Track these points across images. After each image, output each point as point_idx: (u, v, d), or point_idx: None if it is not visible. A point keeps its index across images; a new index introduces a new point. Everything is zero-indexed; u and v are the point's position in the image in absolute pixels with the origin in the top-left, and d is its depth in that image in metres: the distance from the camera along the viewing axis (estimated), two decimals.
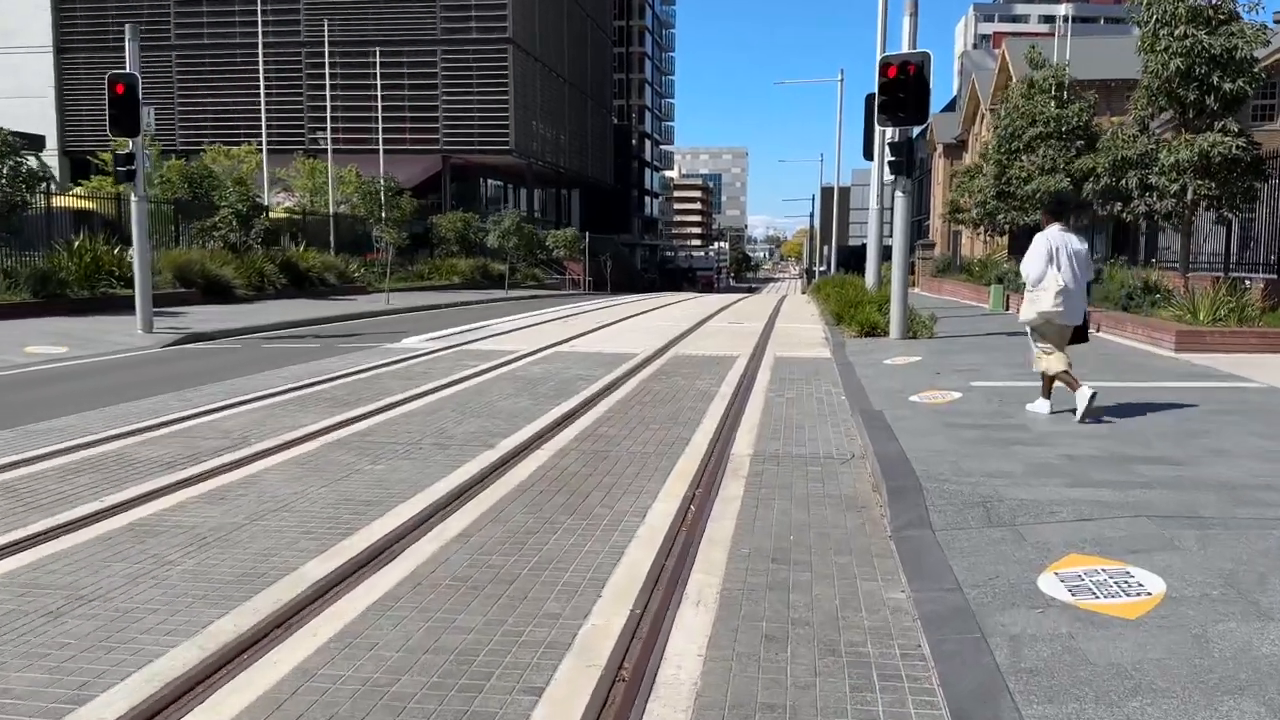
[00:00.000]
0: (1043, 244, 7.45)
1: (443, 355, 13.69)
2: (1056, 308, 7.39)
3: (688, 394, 10.11)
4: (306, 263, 29.20)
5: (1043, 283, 7.38)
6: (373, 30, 59.17)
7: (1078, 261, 7.50)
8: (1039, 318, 7.52)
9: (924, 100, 13.89)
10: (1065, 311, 7.45)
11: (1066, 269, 7.41)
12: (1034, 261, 7.45)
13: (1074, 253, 7.49)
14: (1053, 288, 7.34)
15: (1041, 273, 7.40)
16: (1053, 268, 7.37)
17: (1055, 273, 7.36)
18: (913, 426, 7.46)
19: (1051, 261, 7.38)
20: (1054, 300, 7.36)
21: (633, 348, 14.82)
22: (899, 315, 14.80)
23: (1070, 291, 7.40)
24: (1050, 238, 7.47)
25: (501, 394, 10.00)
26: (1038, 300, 7.43)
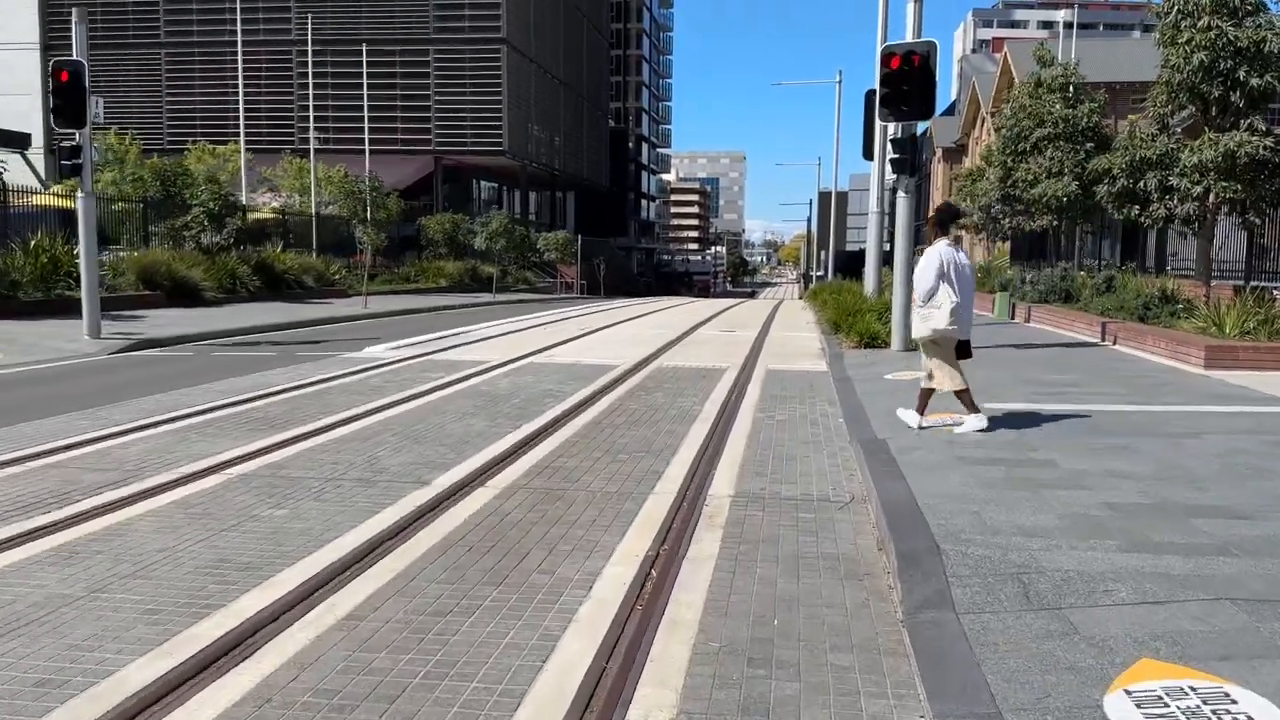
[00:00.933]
0: (935, 259, 7.38)
1: (406, 366, 12.59)
2: (951, 325, 7.34)
3: (667, 414, 9.02)
4: (283, 264, 28.08)
5: (935, 299, 7.32)
6: (364, 28, 58.03)
7: (966, 276, 7.51)
8: (933, 334, 7.43)
9: (929, 92, 12.82)
10: (959, 328, 7.42)
11: (958, 284, 7.39)
12: (927, 277, 7.37)
13: (962, 267, 7.49)
14: (947, 304, 7.29)
15: (934, 288, 7.33)
16: (945, 284, 7.33)
17: (948, 289, 7.32)
18: (922, 461, 6.36)
19: (943, 277, 7.33)
20: (949, 318, 7.30)
21: (614, 358, 13.72)
22: (901, 325, 13.70)
23: (962, 307, 7.38)
24: (941, 253, 7.40)
25: (458, 413, 8.89)
26: (931, 318, 7.37)
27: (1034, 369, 11.45)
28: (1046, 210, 22.02)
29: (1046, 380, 10.39)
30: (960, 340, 7.51)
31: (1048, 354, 13.34)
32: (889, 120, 13.31)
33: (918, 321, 7.53)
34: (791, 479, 6.45)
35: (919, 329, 7.54)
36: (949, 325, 7.33)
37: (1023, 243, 32.28)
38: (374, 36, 57.77)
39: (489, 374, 11.79)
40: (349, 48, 53.68)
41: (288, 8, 59.73)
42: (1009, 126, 23.26)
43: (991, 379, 10.49)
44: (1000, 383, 10.23)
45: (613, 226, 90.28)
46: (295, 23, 59.12)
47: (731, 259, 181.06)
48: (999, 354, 13.38)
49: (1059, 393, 9.50)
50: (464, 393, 10.21)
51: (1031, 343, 14.94)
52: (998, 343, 15.05)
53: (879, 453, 6.69)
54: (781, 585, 4.35)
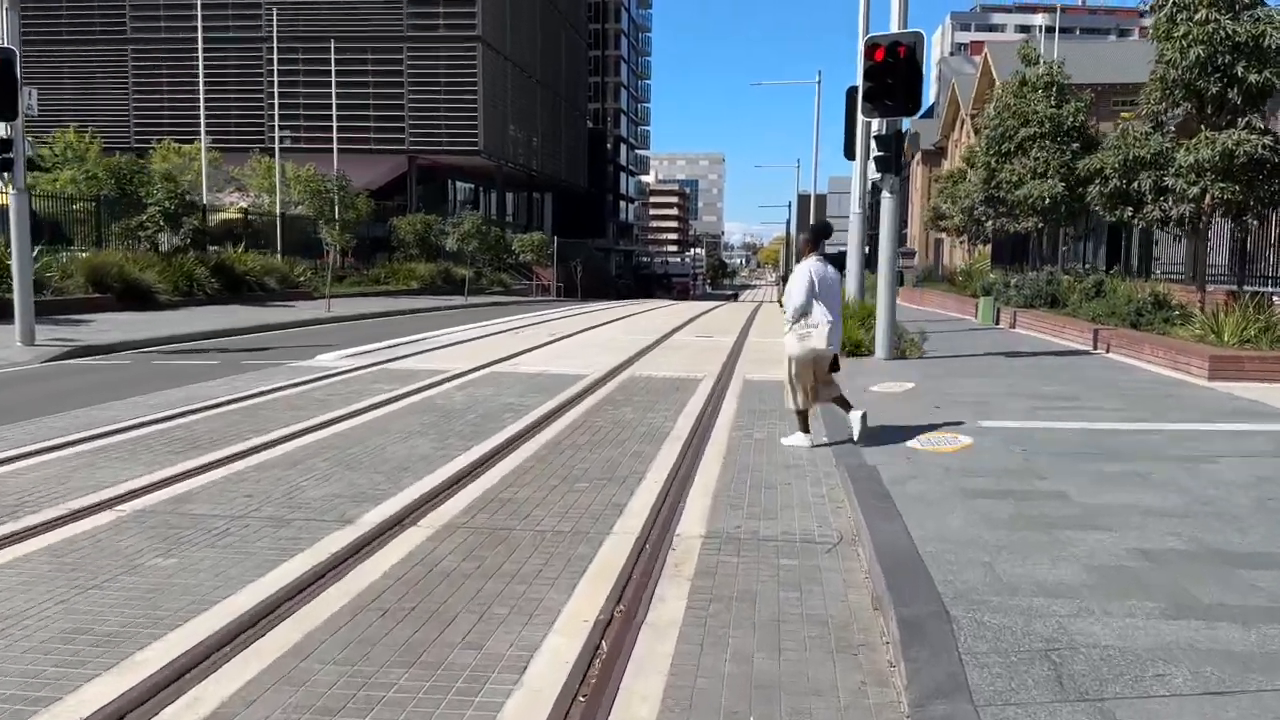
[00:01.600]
0: (806, 275, 7.26)
1: (356, 376, 11.73)
2: (829, 346, 7.31)
3: (635, 433, 8.23)
4: (244, 266, 27.06)
5: (812, 317, 7.26)
6: (336, 26, 56.94)
7: (834, 292, 7.43)
8: (811, 353, 7.34)
9: (916, 86, 12.11)
10: (831, 343, 7.36)
11: (829, 300, 7.32)
12: (799, 294, 7.25)
13: (831, 282, 7.41)
14: (824, 325, 7.24)
15: (807, 305, 7.25)
16: (818, 302, 7.25)
17: (821, 306, 7.26)
18: (919, 493, 5.61)
19: (815, 294, 7.24)
20: (826, 335, 7.27)
21: (584, 367, 12.92)
22: (886, 332, 12.99)
23: (834, 322, 7.32)
24: (811, 270, 7.27)
25: (403, 432, 8.07)
26: (810, 337, 7.30)
27: (1028, 380, 10.75)
28: (1032, 212, 21.41)
29: (1043, 393, 9.68)
30: (831, 355, 7.47)
31: (1040, 363, 12.66)
32: (872, 116, 12.59)
33: (794, 340, 7.38)
34: (771, 512, 5.67)
35: (796, 347, 7.38)
36: (826, 346, 7.29)
37: (1004, 246, 31.75)
38: (346, 34, 56.68)
39: (445, 385, 10.96)
40: (320, 45, 52.55)
41: (258, 4, 58.45)
42: (993, 126, 22.64)
43: (985, 391, 9.77)
44: (995, 395, 9.51)
45: (591, 228, 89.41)
46: (265, 20, 57.90)
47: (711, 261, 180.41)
48: (989, 363, 12.68)
49: (1058, 408, 8.79)
50: (414, 408, 9.37)
51: (1020, 350, 14.26)
52: (986, 350, 14.37)
53: (869, 482, 5.93)
54: (759, 663, 3.57)
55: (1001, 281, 24.35)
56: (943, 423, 8.00)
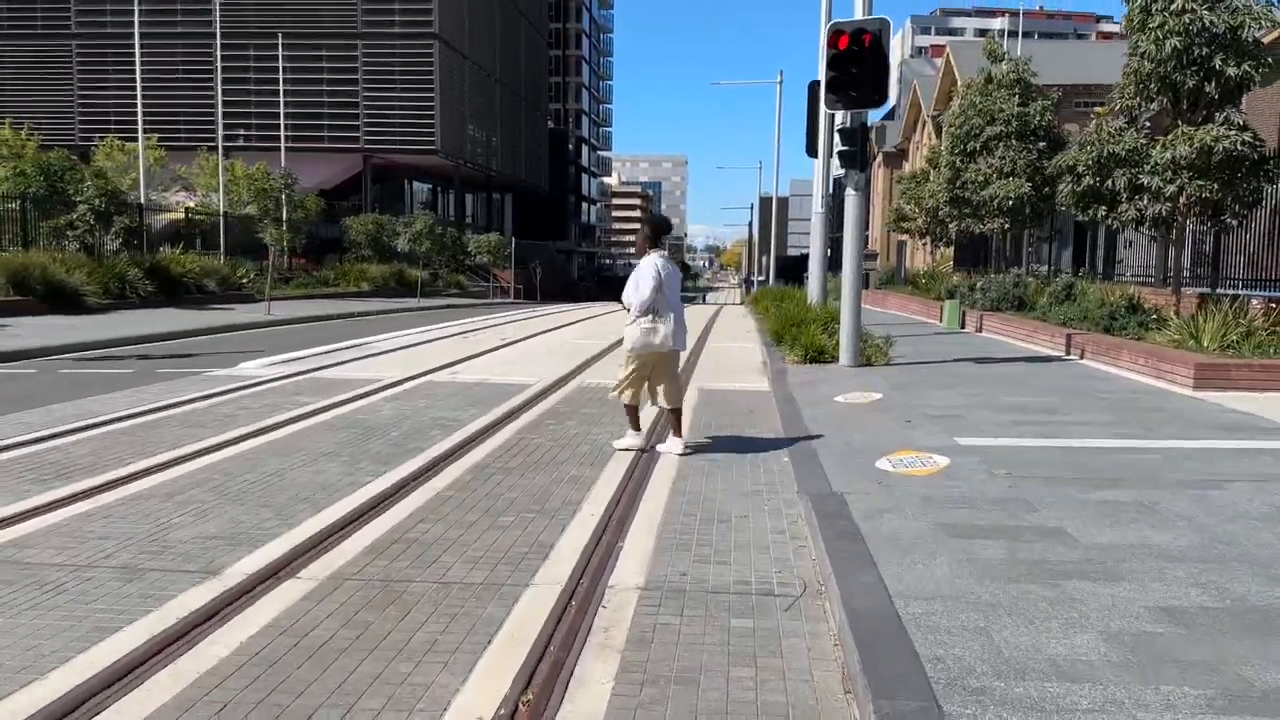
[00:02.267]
0: (652, 270, 7.05)
1: (278, 386, 10.74)
2: (666, 340, 7.11)
3: (576, 453, 7.37)
4: (181, 267, 25.81)
5: (658, 314, 7.09)
6: (289, 21, 55.50)
7: (676, 289, 7.28)
8: (650, 349, 7.14)
9: (882, 76, 11.38)
10: (676, 341, 7.20)
11: (672, 297, 7.18)
12: (647, 289, 7.04)
13: (672, 278, 7.23)
14: (670, 320, 7.08)
15: (653, 300, 7.04)
16: (661, 298, 7.07)
17: (666, 302, 7.09)
18: (894, 531, 4.80)
19: (661, 290, 7.05)
20: (669, 330, 7.08)
21: (529, 376, 12.04)
22: (851, 338, 12.24)
23: (678, 320, 7.20)
24: (658, 265, 7.09)
25: (312, 453, 7.14)
26: (654, 330, 7.10)
27: (1002, 389, 10.04)
28: (998, 213, 20.85)
29: (1020, 405, 8.96)
30: (676, 353, 7.31)
31: (1012, 371, 11.97)
32: (836, 108, 11.83)
33: (639, 335, 7.14)
34: (723, 554, 4.84)
35: (639, 341, 7.14)
36: (671, 345, 7.11)
37: (967, 248, 31.31)
38: (298, 30, 55.25)
39: (374, 397, 10.02)
40: (272, 41, 51.04)
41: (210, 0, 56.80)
42: (958, 124, 22.05)
43: (958, 403, 9.03)
44: (969, 407, 8.76)
45: (552, 230, 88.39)
46: (218, 16, 56.38)
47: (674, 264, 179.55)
48: (958, 370, 11.97)
49: (1039, 421, 8.06)
50: (332, 423, 8.43)
51: (990, 356, 13.59)
52: (954, 356, 13.68)
53: (836, 515, 5.12)
54: None
55: (966, 284, 23.82)
56: (916, 441, 7.23)
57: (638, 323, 7.14)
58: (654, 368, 7.25)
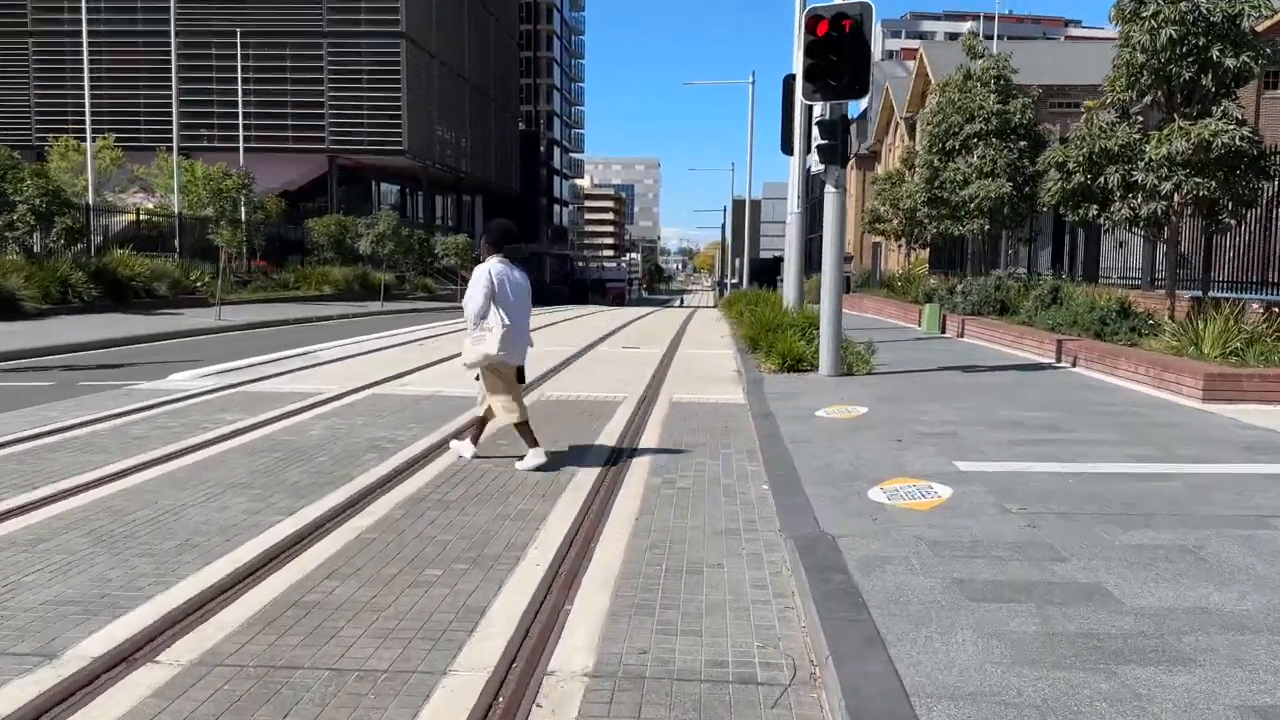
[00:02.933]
0: (484, 278, 6.69)
1: (205, 401, 9.75)
2: (502, 352, 6.68)
3: (528, 480, 6.48)
4: (129, 270, 24.62)
5: (487, 321, 6.67)
6: (251, 20, 54.16)
7: (520, 296, 6.89)
8: (485, 360, 6.75)
9: (864, 64, 10.58)
10: (510, 353, 6.78)
11: (511, 306, 6.75)
12: (476, 298, 6.67)
13: (516, 286, 6.85)
14: (498, 329, 6.64)
15: (484, 309, 6.65)
16: (497, 306, 6.67)
17: (499, 312, 6.67)
18: (901, 590, 3.96)
19: (495, 298, 6.67)
20: (500, 342, 6.65)
21: None
22: (831, 346, 11.42)
23: (516, 330, 6.76)
24: (493, 271, 6.71)
25: (220, 484, 6.20)
26: (484, 341, 6.69)
27: (996, 403, 9.25)
28: (978, 213, 20.16)
29: (1019, 421, 8.16)
30: (511, 365, 6.89)
31: (1004, 381, 11.20)
32: (814, 99, 11.01)
33: (470, 345, 6.78)
34: (693, 618, 3.97)
35: (471, 354, 6.79)
36: (499, 352, 6.67)
37: (943, 250, 30.70)
38: (262, 29, 53.97)
39: (308, 413, 9.07)
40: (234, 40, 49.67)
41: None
42: (936, 122, 21.35)
43: (951, 419, 8.21)
44: (964, 424, 7.95)
45: (525, 232, 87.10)
46: (176, 14, 54.89)
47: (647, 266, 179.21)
48: (946, 380, 11.17)
49: (1042, 440, 7.26)
50: (253, 446, 7.48)
51: (977, 364, 12.83)
52: (939, 364, 12.91)
53: (829, 567, 4.26)
54: None
55: (944, 287, 23.16)
56: (911, 465, 6.40)
57: (472, 334, 6.71)
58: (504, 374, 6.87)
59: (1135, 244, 16.20)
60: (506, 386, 6.89)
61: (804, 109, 16.20)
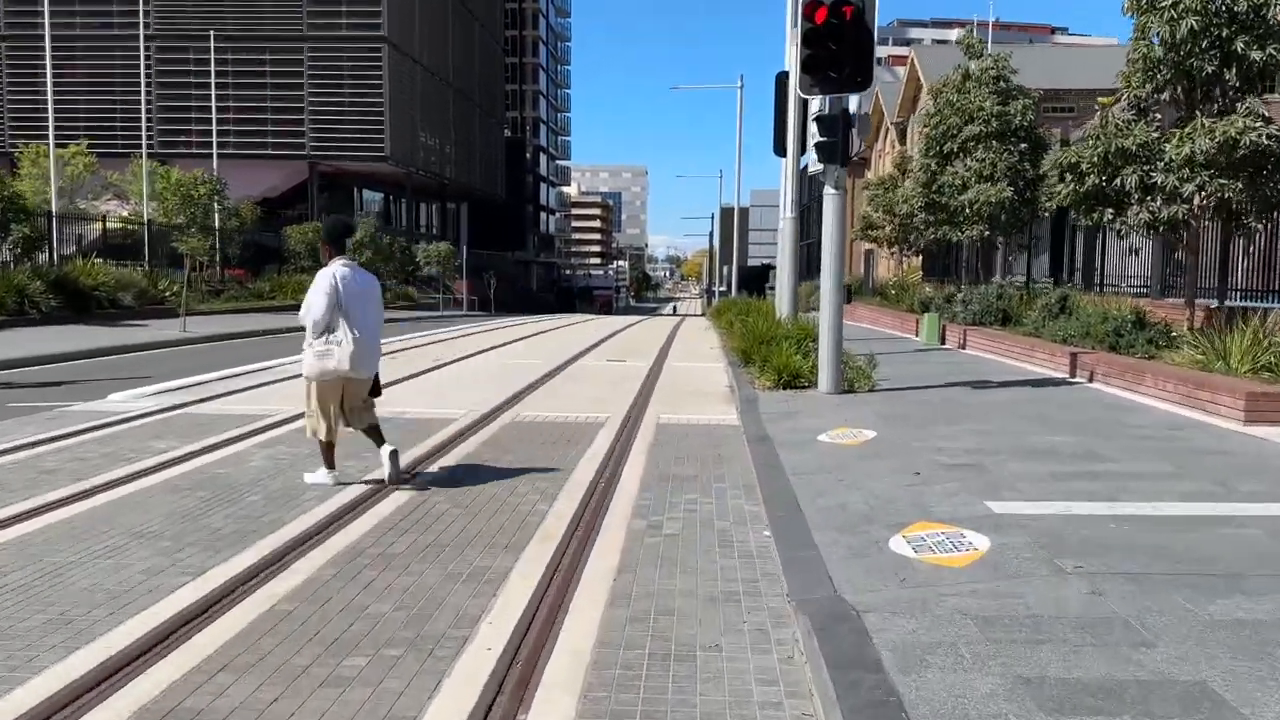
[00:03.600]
0: (326, 283, 6.13)
1: (139, 426, 8.78)
2: (344, 363, 6.14)
3: (488, 526, 5.56)
4: (92, 280, 23.56)
5: (335, 335, 6.14)
6: (230, 24, 53.16)
7: (369, 302, 6.36)
8: (333, 375, 6.20)
9: (866, 54, 9.73)
10: (359, 367, 6.23)
11: (358, 313, 6.21)
12: (318, 306, 6.11)
13: (363, 292, 6.32)
14: (347, 342, 6.13)
15: (327, 318, 6.12)
16: (341, 314, 6.14)
17: (345, 322, 6.14)
18: (955, 696, 3.04)
19: (338, 307, 6.13)
20: (350, 358, 6.14)
21: (455, 406, 10.21)
22: (831, 360, 10.53)
23: (363, 340, 6.22)
24: (336, 275, 6.17)
25: (128, 531, 5.26)
26: (331, 356, 6.16)
27: (1017, 426, 8.37)
28: (977, 219, 19.35)
29: (1049, 448, 7.28)
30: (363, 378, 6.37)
31: (1020, 399, 10.33)
32: (812, 92, 10.15)
33: (310, 357, 6.21)
34: None
35: (314, 367, 6.21)
36: (350, 368, 6.13)
37: (936, 258, 29.95)
38: (241, 33, 52.97)
39: (251, 440, 8.12)
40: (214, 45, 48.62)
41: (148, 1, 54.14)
42: (933, 124, 20.54)
43: (972, 445, 7.32)
44: (988, 452, 7.05)
45: (510, 240, 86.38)
46: (154, 18, 53.87)
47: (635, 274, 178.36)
48: (957, 399, 10.29)
49: (1081, 473, 6.38)
50: (177, 483, 6.52)
51: (987, 379, 11.96)
52: (945, 379, 12.04)
53: (856, 664, 3.35)
54: None
55: (941, 295, 22.35)
56: (935, 504, 5.51)
57: (312, 345, 6.16)
58: (343, 393, 6.33)
59: (1142, 250, 15.41)
60: (330, 401, 6.32)
61: (798, 109, 15.39)
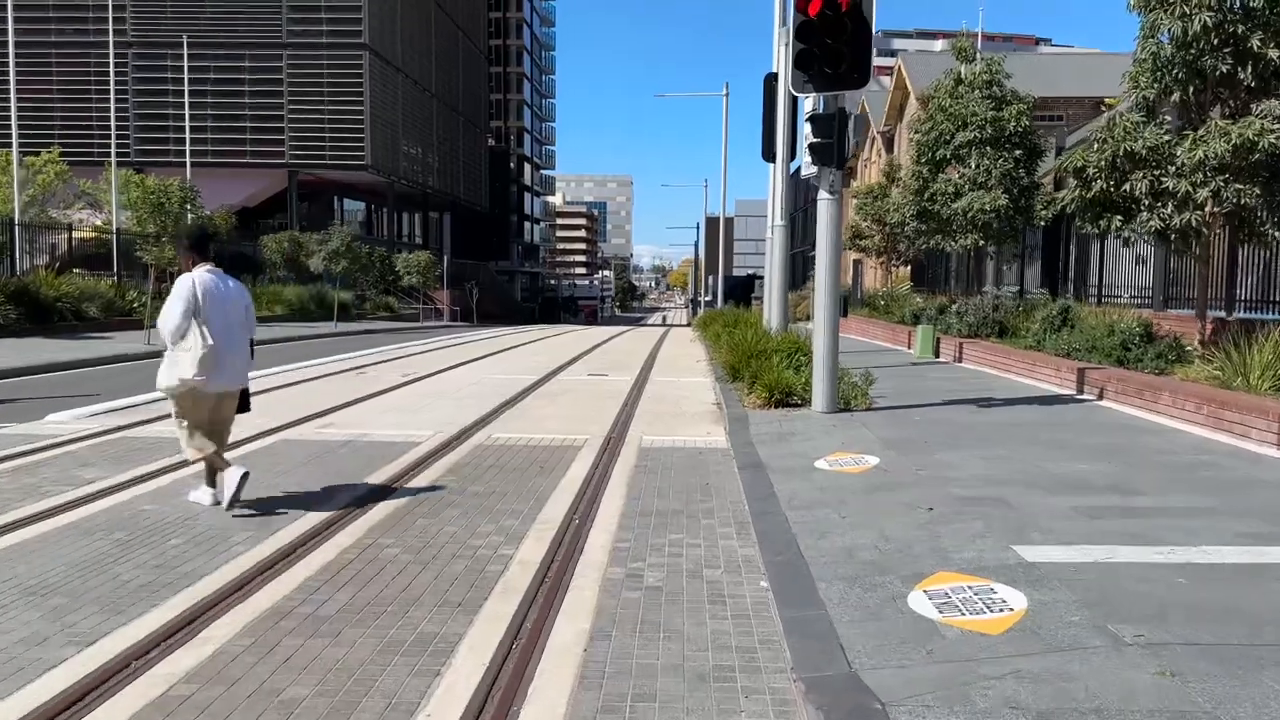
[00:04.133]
0: (185, 290, 5.83)
1: (69, 452, 7.95)
2: (199, 375, 5.74)
3: (441, 578, 4.80)
4: (55, 290, 22.64)
5: (186, 341, 5.78)
6: (208, 31, 52.27)
7: (232, 311, 6.02)
8: (180, 385, 5.82)
9: (865, 48, 9.05)
10: (216, 377, 5.84)
11: (217, 321, 5.86)
12: (173, 314, 5.77)
13: (224, 298, 5.98)
14: (198, 348, 5.75)
15: (182, 327, 5.77)
16: (198, 322, 5.79)
17: (200, 329, 5.79)
18: None
19: (197, 314, 5.79)
20: (198, 365, 5.73)
21: (422, 426, 9.45)
22: (827, 377, 9.81)
23: (222, 351, 5.84)
24: (197, 281, 5.88)
25: (24, 583, 4.49)
26: (179, 363, 5.79)
27: (1032, 451, 7.67)
28: (971, 227, 18.73)
29: (1074, 478, 6.57)
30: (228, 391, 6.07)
31: (1030, 419, 9.64)
32: (806, 90, 9.46)
33: (162, 367, 5.90)
34: None
35: (164, 378, 5.87)
36: (196, 376, 5.74)
37: (925, 267, 29.39)
38: (219, 40, 52.10)
39: (186, 470, 7.28)
40: (191, 51, 47.70)
41: (123, 6, 53.18)
42: (925, 130, 19.93)
43: (988, 474, 6.60)
44: (1007, 484, 6.34)
45: (494, 250, 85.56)
46: (131, 24, 52.95)
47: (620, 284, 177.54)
48: (963, 419, 9.58)
49: (1115, 509, 5.67)
50: (95, 521, 5.73)
51: (991, 397, 11.28)
52: (947, 396, 11.34)
53: None
54: None
55: (933, 306, 21.72)
56: (956, 549, 4.79)
57: (169, 355, 5.83)
58: (213, 408, 6.00)
59: (1149, 260, 14.80)
60: (195, 414, 5.94)
61: (787, 112, 14.73)
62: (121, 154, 47.97)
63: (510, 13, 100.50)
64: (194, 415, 5.95)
